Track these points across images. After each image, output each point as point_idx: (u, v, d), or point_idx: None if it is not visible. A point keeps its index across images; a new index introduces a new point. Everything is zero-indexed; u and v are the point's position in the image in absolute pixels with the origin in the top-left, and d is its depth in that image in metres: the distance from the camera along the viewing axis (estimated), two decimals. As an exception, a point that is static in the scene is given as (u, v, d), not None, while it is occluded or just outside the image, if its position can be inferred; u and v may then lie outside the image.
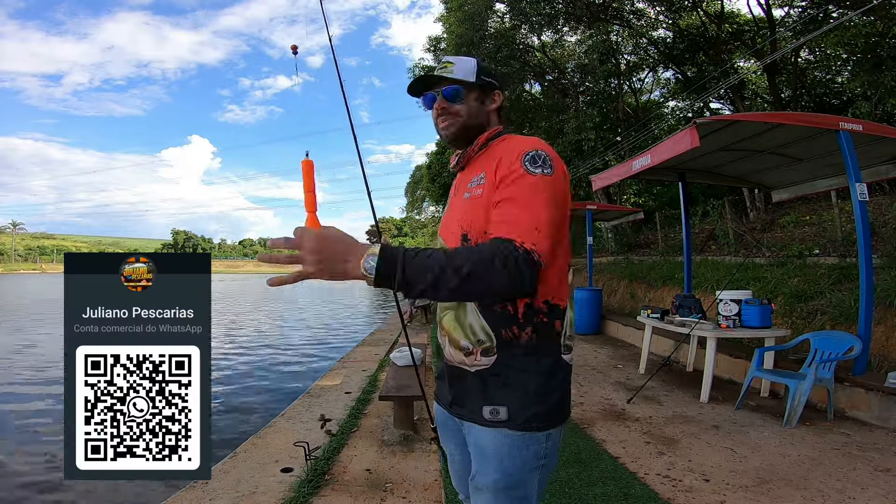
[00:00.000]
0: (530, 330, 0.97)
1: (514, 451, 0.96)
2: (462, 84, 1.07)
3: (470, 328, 0.99)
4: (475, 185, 1.02)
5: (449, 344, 1.05)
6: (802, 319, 4.92)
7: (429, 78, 1.09)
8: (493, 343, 0.97)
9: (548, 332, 0.98)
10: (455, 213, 1.08)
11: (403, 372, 3.62)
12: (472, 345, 0.99)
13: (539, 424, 0.96)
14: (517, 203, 0.90)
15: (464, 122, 1.08)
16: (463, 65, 1.09)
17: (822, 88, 12.66)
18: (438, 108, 1.09)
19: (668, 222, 12.07)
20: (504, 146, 1.02)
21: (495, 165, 0.98)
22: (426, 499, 2.35)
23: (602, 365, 5.48)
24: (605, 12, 14.19)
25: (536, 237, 0.86)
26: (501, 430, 0.96)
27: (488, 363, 0.98)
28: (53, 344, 9.27)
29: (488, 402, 0.97)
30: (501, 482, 0.97)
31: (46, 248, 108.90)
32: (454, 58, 1.10)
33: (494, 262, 0.81)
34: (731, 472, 2.61)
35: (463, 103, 1.08)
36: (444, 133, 1.10)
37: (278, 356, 8.71)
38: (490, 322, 0.97)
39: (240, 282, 49.19)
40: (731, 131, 4.13)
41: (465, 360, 1.01)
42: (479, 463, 1.01)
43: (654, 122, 14.28)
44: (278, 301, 23.43)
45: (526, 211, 0.89)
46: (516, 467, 0.96)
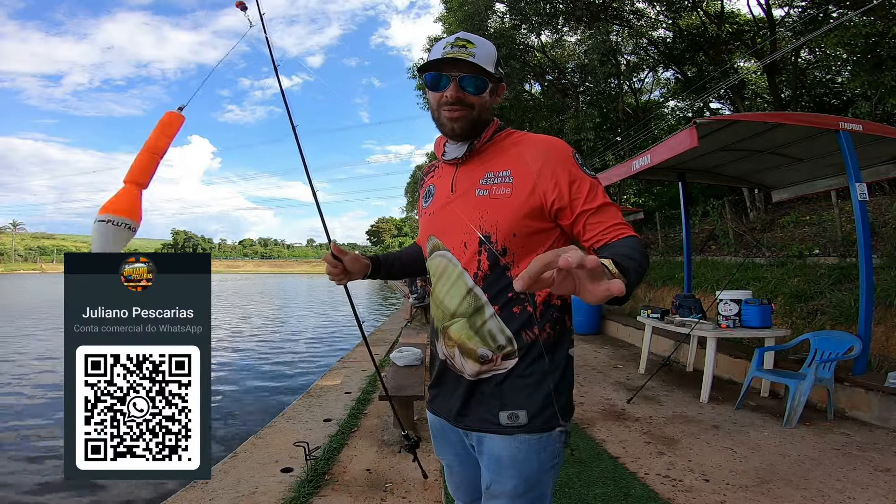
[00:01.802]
0: (548, 327, 0.96)
1: (531, 455, 0.94)
2: (486, 76, 0.96)
3: (489, 334, 0.96)
4: (497, 184, 0.96)
5: (460, 354, 0.98)
6: (802, 319, 4.93)
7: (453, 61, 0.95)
8: (515, 347, 0.95)
9: (562, 328, 0.98)
10: (463, 210, 0.99)
11: (403, 372, 3.62)
12: (491, 352, 0.96)
13: (555, 423, 0.95)
14: (610, 206, 0.94)
15: (475, 117, 0.98)
16: (485, 49, 0.97)
17: (822, 88, 12.67)
18: (451, 96, 0.96)
19: (668, 222, 12.07)
20: (519, 142, 1.00)
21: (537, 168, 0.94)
22: (426, 499, 2.35)
23: (602, 365, 5.48)
24: (605, 12, 14.19)
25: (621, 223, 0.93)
26: (517, 436, 0.94)
27: (508, 367, 0.95)
28: (54, 344, 9.27)
29: (505, 408, 0.95)
30: (521, 487, 0.95)
31: (46, 248, 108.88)
32: (474, 37, 0.97)
33: (645, 255, 0.86)
34: (731, 472, 2.61)
35: (480, 96, 0.97)
36: (450, 125, 0.98)
37: (278, 356, 8.71)
38: (512, 326, 0.95)
39: (241, 281, 49.20)
40: (731, 131, 4.13)
41: (482, 369, 0.96)
42: (494, 472, 0.97)
43: (654, 122, 14.29)
44: (278, 301, 23.43)
45: (617, 210, 0.94)
46: (534, 471, 0.95)
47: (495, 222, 0.94)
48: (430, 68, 0.96)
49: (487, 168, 0.99)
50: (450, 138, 1.04)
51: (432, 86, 0.98)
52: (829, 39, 9.23)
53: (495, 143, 1.02)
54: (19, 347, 9.25)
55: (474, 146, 1.01)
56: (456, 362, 1.00)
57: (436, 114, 1.01)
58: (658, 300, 7.76)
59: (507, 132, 1.03)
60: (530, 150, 0.97)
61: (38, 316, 14.89)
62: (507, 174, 0.96)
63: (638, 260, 0.79)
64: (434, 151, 1.12)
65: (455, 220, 1.00)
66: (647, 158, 4.35)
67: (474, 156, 1.02)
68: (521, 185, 0.94)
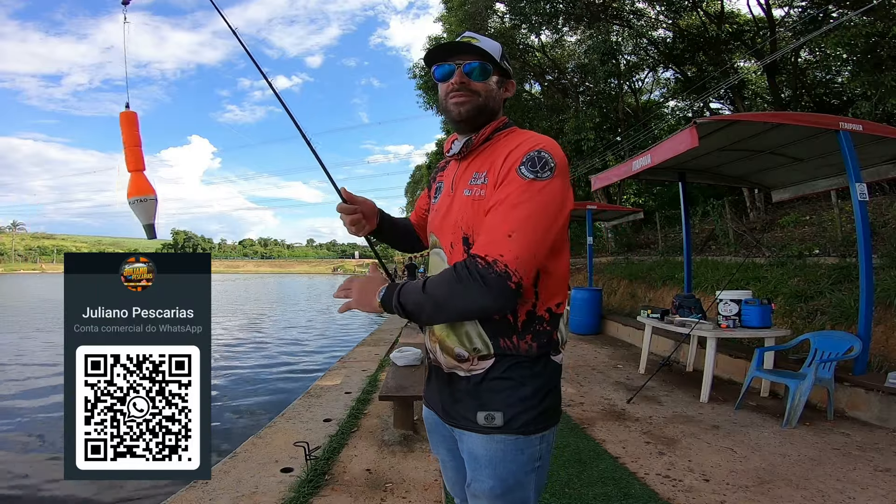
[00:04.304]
0: (530, 338, 0.94)
1: (508, 456, 0.94)
2: (489, 61, 0.98)
3: (466, 335, 0.95)
4: (477, 184, 0.96)
5: (441, 351, 1.00)
6: (802, 319, 4.92)
7: (454, 46, 0.98)
8: (491, 351, 0.94)
9: (548, 341, 0.96)
10: (455, 210, 1.00)
11: (403, 372, 3.62)
12: (467, 352, 0.95)
13: (534, 428, 0.94)
14: (499, 212, 0.87)
15: (482, 103, 0.98)
16: (489, 43, 0.99)
17: (822, 88, 12.67)
18: (456, 83, 0.98)
19: (668, 222, 12.08)
20: (508, 142, 0.96)
21: (500, 164, 0.92)
22: (426, 499, 2.35)
23: (602, 365, 5.48)
24: (605, 12, 14.20)
25: (509, 248, 0.82)
26: (494, 436, 0.94)
27: (485, 367, 0.95)
28: (53, 343, 9.27)
29: (483, 408, 0.94)
30: (498, 488, 0.95)
31: (46, 248, 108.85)
32: (477, 35, 1.00)
33: (462, 287, 0.83)
34: (731, 472, 2.61)
35: (485, 82, 0.98)
36: (456, 110, 0.99)
37: (279, 356, 8.70)
38: (488, 331, 0.94)
39: (241, 281, 49.20)
40: (732, 131, 4.13)
41: (459, 366, 0.97)
42: (473, 470, 0.98)
43: (654, 122, 14.30)
44: (279, 301, 23.43)
45: (506, 222, 0.85)
46: (511, 473, 0.94)
47: (472, 224, 0.94)
48: (438, 57, 1.00)
49: (476, 168, 0.99)
50: (457, 126, 1.03)
51: (440, 77, 1.01)
52: (829, 39, 9.22)
53: (494, 141, 1.00)
54: (19, 347, 9.25)
55: (472, 142, 1.00)
56: (438, 357, 1.02)
57: (443, 104, 1.02)
58: (658, 300, 7.75)
59: (508, 130, 1.01)
60: (504, 149, 0.94)
61: (38, 316, 14.88)
62: (484, 175, 0.95)
63: (420, 293, 0.87)
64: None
65: (448, 219, 1.02)
66: (647, 158, 4.35)
67: (472, 153, 1.02)
68: (490, 185, 0.93)
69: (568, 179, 0.93)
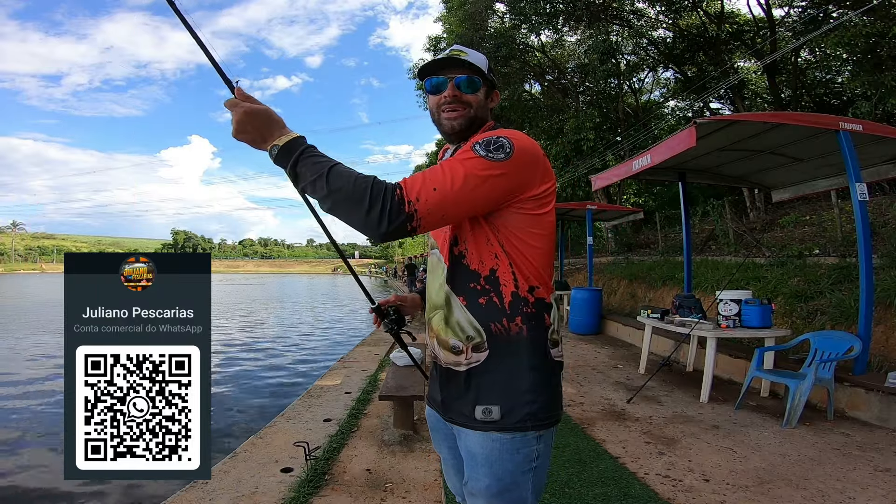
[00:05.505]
0: (519, 320, 0.95)
1: (504, 454, 0.95)
2: (479, 74, 1.03)
3: (458, 325, 0.98)
4: None
5: (438, 345, 1.03)
6: (802, 319, 4.92)
7: (445, 60, 1.03)
8: (484, 338, 0.96)
9: (537, 324, 0.97)
10: None
11: (403, 372, 3.62)
12: (461, 342, 0.98)
13: (531, 424, 0.95)
14: (444, 165, 0.89)
15: (472, 115, 1.04)
16: (476, 56, 1.05)
17: (822, 88, 12.69)
18: (449, 96, 1.03)
19: (668, 222, 12.09)
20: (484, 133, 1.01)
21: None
22: (426, 499, 2.35)
23: (602, 365, 5.48)
24: (605, 12, 14.20)
25: (427, 198, 0.84)
26: (491, 433, 0.95)
27: (480, 359, 0.96)
28: (53, 344, 9.27)
29: (480, 402, 0.96)
30: (494, 487, 0.95)
31: (46, 248, 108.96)
32: (465, 48, 1.05)
33: (364, 187, 0.82)
34: (731, 472, 2.61)
35: (475, 94, 1.04)
36: (448, 124, 1.04)
37: (278, 356, 8.71)
38: (478, 316, 0.96)
39: (240, 282, 49.19)
40: (732, 131, 4.13)
41: (456, 360, 0.99)
42: (470, 468, 0.99)
43: (654, 122, 14.30)
44: (279, 301, 23.44)
45: (433, 172, 0.87)
46: (507, 472, 0.95)
47: (457, 227, 1.00)
48: (429, 71, 1.04)
49: None
50: (449, 139, 1.09)
51: (432, 90, 1.05)
52: (829, 39, 9.22)
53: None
54: (19, 347, 9.25)
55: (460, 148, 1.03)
56: (437, 352, 1.04)
57: (436, 116, 1.07)
58: (658, 300, 7.76)
59: (489, 126, 1.06)
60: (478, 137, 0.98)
61: (39, 316, 14.88)
62: None
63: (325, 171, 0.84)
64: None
65: None
66: (647, 158, 4.35)
67: None
68: None
69: (529, 171, 0.94)
